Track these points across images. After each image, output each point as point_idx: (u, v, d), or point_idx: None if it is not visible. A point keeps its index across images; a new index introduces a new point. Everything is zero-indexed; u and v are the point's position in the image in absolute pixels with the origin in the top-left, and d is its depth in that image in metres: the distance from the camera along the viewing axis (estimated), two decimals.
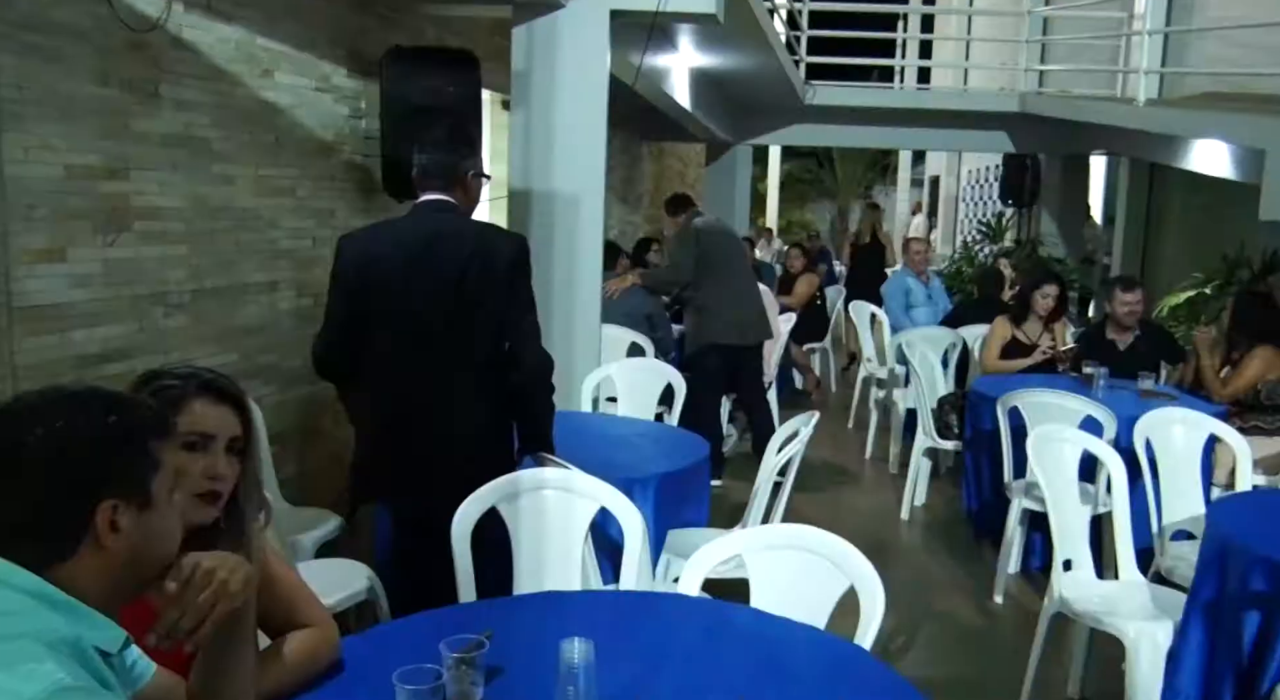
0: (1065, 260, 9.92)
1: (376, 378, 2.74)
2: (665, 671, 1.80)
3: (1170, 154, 7.17)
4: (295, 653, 1.64)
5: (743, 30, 5.93)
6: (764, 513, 3.28)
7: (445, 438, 2.70)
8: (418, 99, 4.17)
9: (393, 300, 2.67)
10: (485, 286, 2.66)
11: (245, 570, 1.37)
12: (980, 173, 14.97)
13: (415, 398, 2.70)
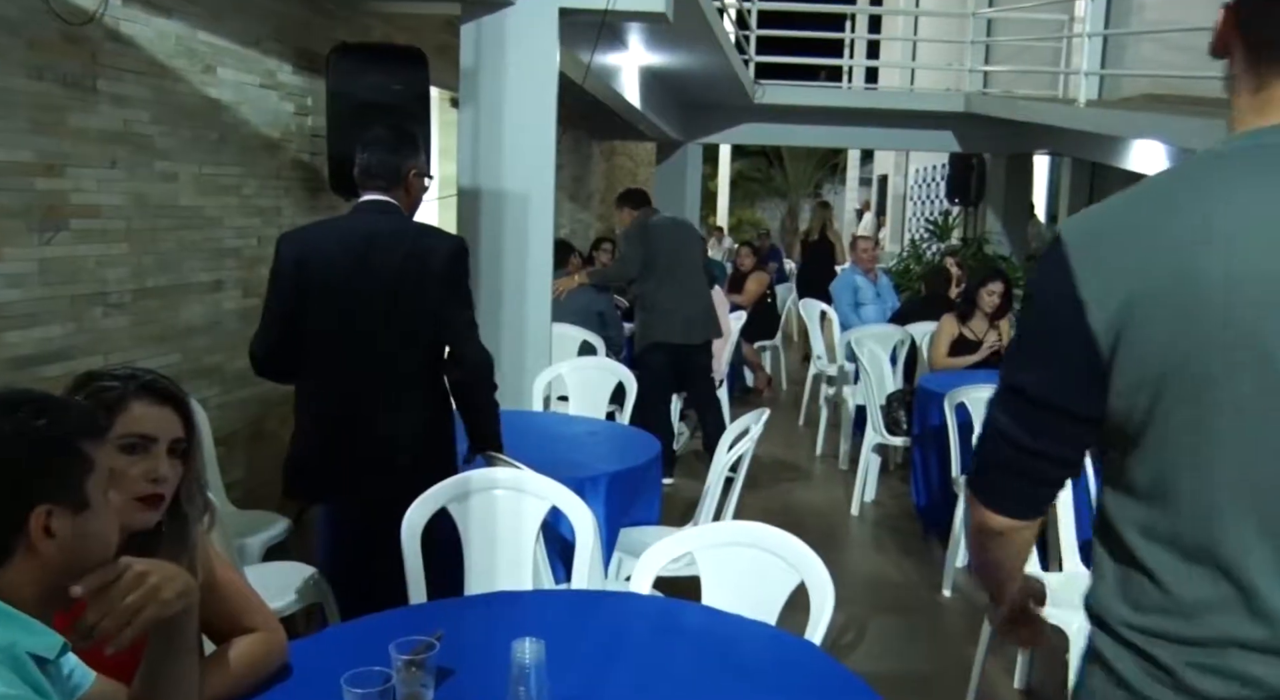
0: (1011, 257, 10.08)
1: (314, 377, 2.73)
2: (616, 670, 1.80)
3: (1110, 154, 7.32)
4: (241, 658, 1.61)
5: (692, 29, 5.94)
6: (715, 510, 3.29)
7: (383, 438, 2.69)
8: (365, 96, 4.13)
9: (331, 300, 2.66)
10: (422, 286, 2.66)
11: (184, 580, 1.34)
12: (927, 171, 15.17)
13: (352, 398, 2.69)
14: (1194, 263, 1.09)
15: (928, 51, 13.17)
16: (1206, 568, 1.12)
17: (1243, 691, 1.11)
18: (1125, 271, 1.12)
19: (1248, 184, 1.12)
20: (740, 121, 9.85)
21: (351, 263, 2.65)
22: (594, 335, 5.65)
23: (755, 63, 9.41)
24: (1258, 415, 1.07)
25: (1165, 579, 1.15)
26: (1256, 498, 1.09)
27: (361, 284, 2.64)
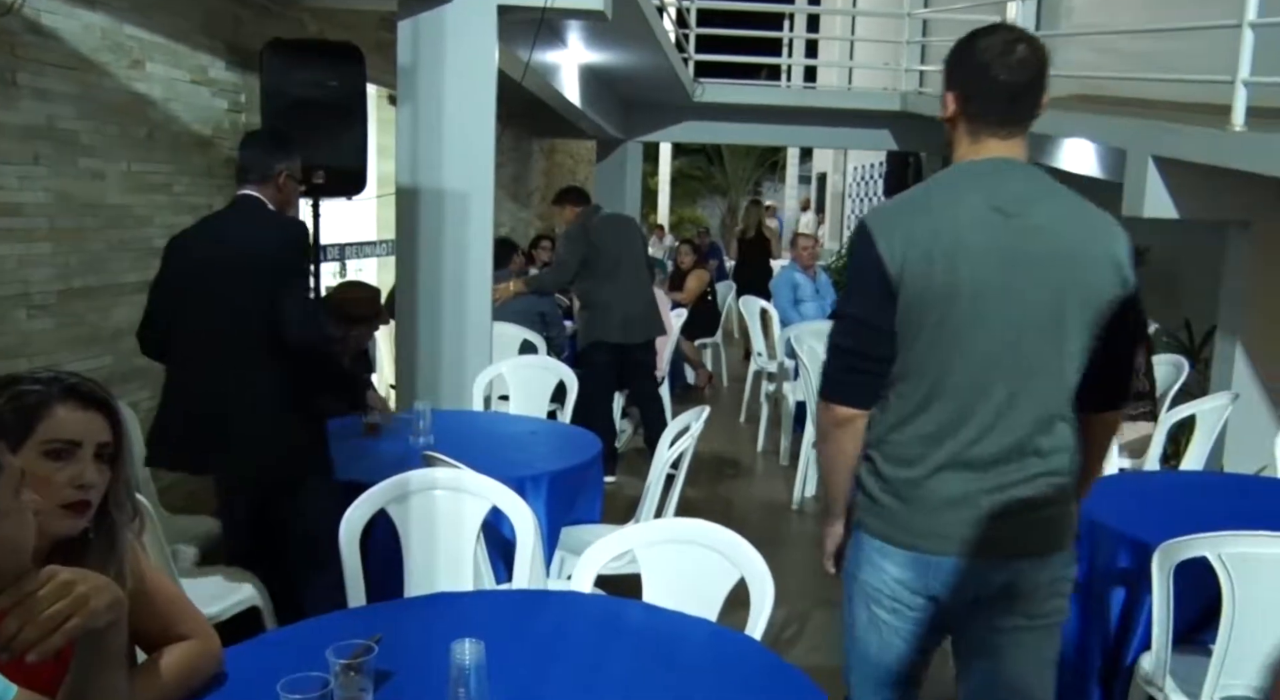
0: None
1: (173, 356, 2.92)
2: (557, 669, 1.80)
3: (1041, 152, 7.47)
4: (173, 666, 1.58)
5: (631, 27, 5.94)
6: (656, 508, 3.30)
7: (220, 415, 2.80)
8: (300, 93, 4.07)
9: (185, 284, 2.86)
10: (259, 272, 2.79)
11: (113, 591, 1.31)
12: (865, 169, 15.35)
13: (197, 376, 2.84)
14: (937, 238, 1.80)
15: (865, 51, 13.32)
16: (934, 409, 1.84)
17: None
18: (903, 240, 1.81)
19: (966, 190, 1.87)
20: (680, 120, 9.88)
21: (204, 250, 2.86)
22: (535, 334, 5.63)
23: (695, 61, 9.45)
24: (966, 323, 1.80)
25: (916, 414, 1.85)
26: (967, 366, 1.82)
27: (208, 270, 2.83)
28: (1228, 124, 4.11)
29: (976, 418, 1.81)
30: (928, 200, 1.89)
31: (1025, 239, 1.80)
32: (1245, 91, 4.09)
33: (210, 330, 2.81)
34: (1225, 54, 4.19)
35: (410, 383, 4.41)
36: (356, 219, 6.78)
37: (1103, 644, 2.77)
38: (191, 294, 2.84)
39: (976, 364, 1.80)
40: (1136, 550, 2.64)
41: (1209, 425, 4.13)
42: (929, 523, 1.84)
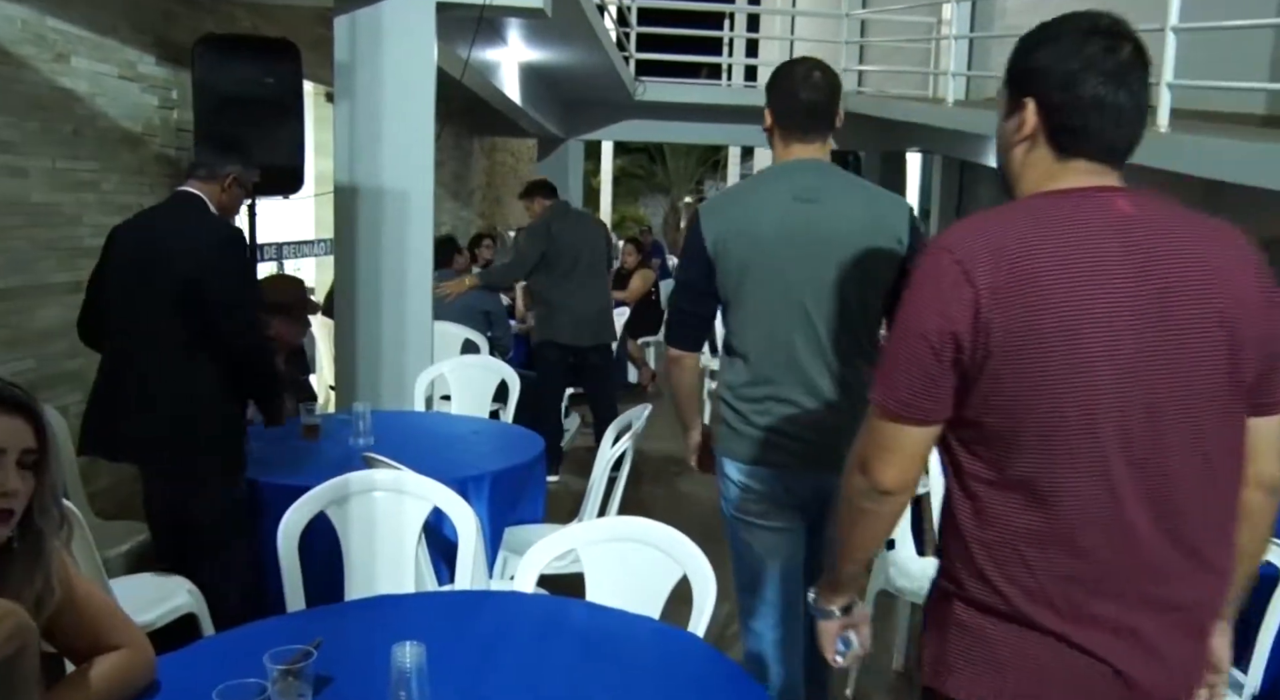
0: None
1: (106, 345, 2.98)
2: (499, 670, 1.79)
3: (977, 151, 7.61)
4: (103, 678, 1.54)
5: (571, 25, 5.93)
6: (599, 506, 3.30)
7: (135, 405, 2.87)
8: (234, 90, 4.00)
9: (117, 276, 2.93)
10: (184, 271, 2.82)
11: (15, 620, 1.26)
12: None
13: (122, 367, 2.91)
14: (747, 220, 2.30)
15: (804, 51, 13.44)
16: (754, 356, 2.32)
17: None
18: (721, 222, 2.32)
19: (775, 182, 2.36)
20: (621, 118, 9.89)
21: (136, 242, 2.91)
22: (477, 334, 5.60)
23: (636, 60, 9.46)
24: (768, 286, 2.28)
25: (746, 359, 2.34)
26: (771, 323, 2.29)
27: (137, 262, 2.89)
28: (1153, 125, 4.22)
29: (784, 364, 2.30)
30: (746, 191, 2.50)
31: (817, 219, 2.26)
32: (1169, 94, 4.20)
33: (133, 321, 2.88)
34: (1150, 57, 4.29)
35: (350, 383, 4.36)
36: (294, 218, 6.68)
37: None
38: (121, 285, 2.90)
39: (777, 320, 2.29)
40: None
41: None
42: (762, 444, 2.34)
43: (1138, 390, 1.33)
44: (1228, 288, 1.38)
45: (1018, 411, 1.34)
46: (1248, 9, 4.63)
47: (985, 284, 1.32)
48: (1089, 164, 1.44)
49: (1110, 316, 1.32)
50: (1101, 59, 1.42)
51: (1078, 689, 1.37)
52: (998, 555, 1.39)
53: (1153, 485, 1.35)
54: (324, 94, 6.17)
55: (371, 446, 3.15)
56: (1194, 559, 1.39)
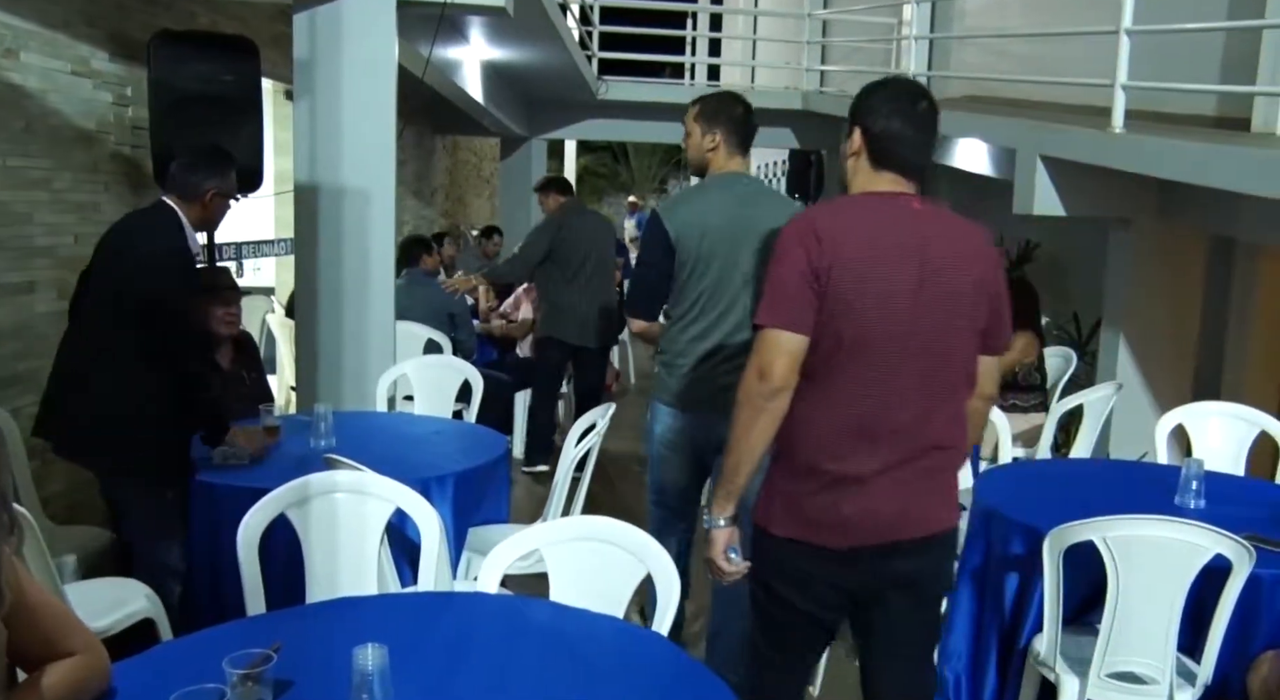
0: None
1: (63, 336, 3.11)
2: (463, 671, 1.78)
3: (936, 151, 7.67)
4: (56, 686, 1.51)
5: (534, 24, 5.91)
6: (564, 506, 3.30)
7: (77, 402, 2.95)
8: (191, 87, 3.95)
9: (87, 278, 3.07)
10: (131, 279, 2.90)
11: None
12: (769, 167, 15.56)
13: (71, 365, 2.99)
14: (698, 219, 2.95)
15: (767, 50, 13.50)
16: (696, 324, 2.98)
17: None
18: (679, 219, 2.96)
19: (719, 190, 3.03)
20: (584, 117, 9.87)
21: (105, 245, 3.02)
22: (440, 334, 5.57)
23: (599, 59, 9.45)
24: (710, 269, 2.94)
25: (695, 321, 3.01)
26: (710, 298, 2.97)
27: (97, 269, 3.01)
28: (1108, 126, 4.28)
29: (715, 330, 2.99)
30: (696, 195, 3.15)
31: (747, 221, 2.93)
32: (1124, 95, 4.27)
33: (83, 315, 3.03)
34: (1106, 59, 4.36)
35: (311, 384, 4.31)
36: (253, 217, 6.60)
37: (999, 630, 2.87)
38: (85, 279, 3.09)
39: (715, 296, 2.97)
40: (1029, 537, 2.73)
41: (1096, 414, 4.30)
42: (688, 391, 3.03)
43: (917, 327, 2.02)
44: (971, 264, 2.09)
45: (839, 334, 2.00)
46: (1199, 12, 4.71)
47: (826, 244, 2.00)
48: (894, 176, 2.12)
49: (893, 275, 2.01)
50: (907, 109, 2.10)
51: (836, 520, 2.08)
52: (810, 431, 2.07)
53: (920, 393, 2.05)
54: (283, 92, 6.10)
55: (333, 447, 3.13)
56: (943, 441, 2.10)
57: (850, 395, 2.03)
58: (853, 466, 2.04)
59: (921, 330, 2.02)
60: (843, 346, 2.00)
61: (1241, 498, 3.05)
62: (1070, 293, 6.71)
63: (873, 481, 2.04)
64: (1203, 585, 2.39)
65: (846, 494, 2.05)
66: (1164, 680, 2.44)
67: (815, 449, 2.07)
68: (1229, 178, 3.55)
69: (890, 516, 2.07)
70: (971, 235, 2.13)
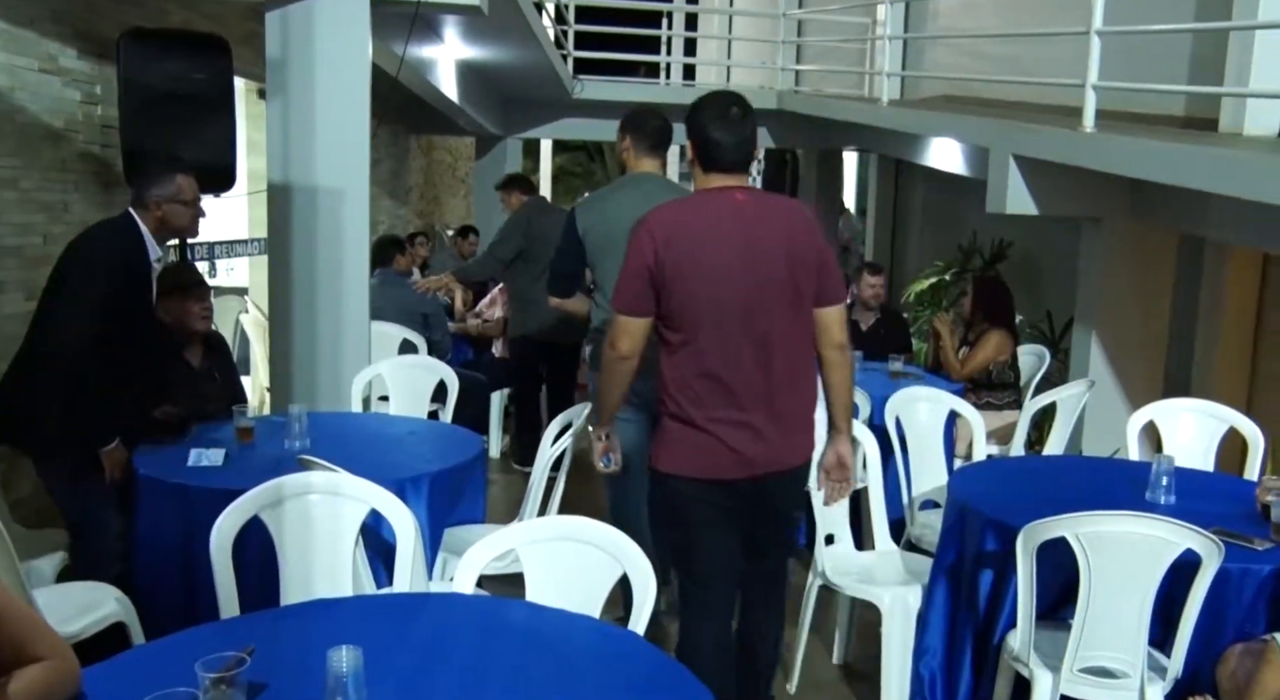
0: None
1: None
2: (439, 672, 1.78)
3: (911, 150, 7.73)
4: (24, 692, 1.49)
5: (509, 23, 5.90)
6: (540, 506, 3.29)
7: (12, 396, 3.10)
8: (162, 86, 3.91)
9: None
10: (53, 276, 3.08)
11: None
12: None
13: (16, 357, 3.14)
14: (608, 213, 3.39)
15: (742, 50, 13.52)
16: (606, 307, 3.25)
17: None
18: (589, 216, 3.47)
19: (630, 188, 3.48)
20: (560, 116, 9.86)
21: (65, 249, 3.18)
22: (415, 334, 5.54)
23: (574, 58, 9.43)
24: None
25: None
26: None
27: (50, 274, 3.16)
28: (1080, 125, 4.32)
29: None
30: (608, 194, 3.62)
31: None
32: (1094, 95, 4.31)
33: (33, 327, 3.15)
34: (1078, 59, 4.40)
35: (285, 385, 4.28)
36: (227, 217, 6.55)
37: (973, 626, 2.89)
38: None
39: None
40: (1003, 533, 2.75)
41: (1068, 411, 4.34)
42: None
43: (741, 295, 2.51)
44: (791, 239, 2.56)
45: (682, 308, 2.52)
46: (1168, 14, 4.77)
47: (661, 240, 2.50)
48: (721, 175, 2.60)
49: (724, 255, 2.51)
50: (722, 119, 2.57)
51: (713, 458, 2.56)
52: (679, 386, 2.57)
53: (755, 348, 2.54)
54: (256, 90, 6.06)
55: (308, 449, 3.11)
56: (784, 387, 2.58)
57: (704, 355, 2.53)
58: (717, 413, 2.54)
59: (751, 298, 2.51)
60: (689, 316, 2.52)
61: (1211, 493, 3.09)
62: (1043, 291, 6.77)
63: (734, 425, 2.53)
64: (1173, 580, 2.42)
65: (714, 435, 2.55)
66: (1135, 674, 2.46)
67: (686, 401, 2.56)
68: (1198, 178, 3.59)
69: (751, 453, 2.55)
70: (788, 212, 2.63)
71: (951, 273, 7.41)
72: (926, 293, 7.54)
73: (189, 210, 3.26)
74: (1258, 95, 4.13)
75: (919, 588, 3.13)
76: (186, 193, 3.23)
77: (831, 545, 3.38)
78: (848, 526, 3.47)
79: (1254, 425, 3.69)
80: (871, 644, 3.33)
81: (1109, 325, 5.08)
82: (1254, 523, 2.76)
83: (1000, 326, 4.93)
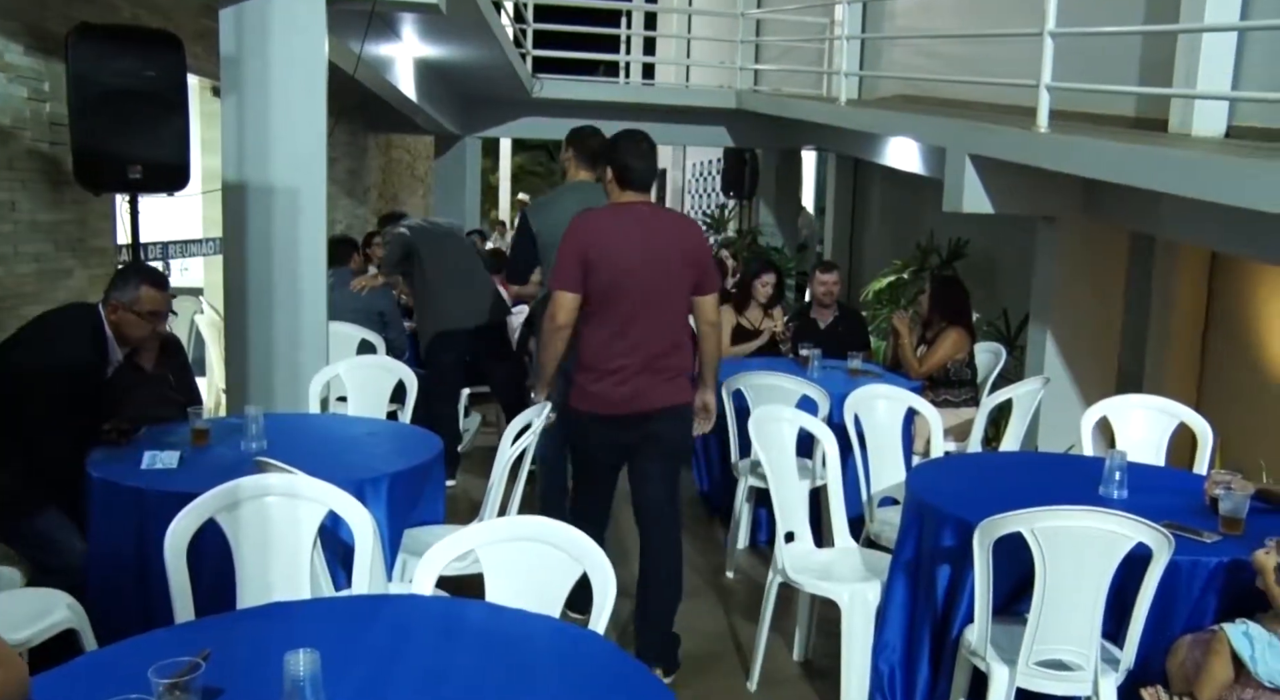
0: (782, 249, 10.54)
1: None
2: (398, 675, 1.76)
3: (869, 150, 7.79)
4: None
5: (467, 21, 5.87)
6: (499, 506, 3.28)
7: None
8: (113, 82, 3.84)
9: None
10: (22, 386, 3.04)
11: None
12: (704, 166, 15.64)
13: None
14: (554, 216, 3.87)
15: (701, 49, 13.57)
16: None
17: None
18: (542, 217, 4.00)
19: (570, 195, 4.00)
20: (519, 115, 9.83)
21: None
22: (373, 334, 5.50)
23: (533, 57, 9.41)
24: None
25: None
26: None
27: None
28: (1034, 126, 4.38)
29: None
30: (555, 198, 4.12)
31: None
32: (1048, 96, 4.37)
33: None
34: (1032, 60, 4.46)
35: (242, 386, 4.24)
36: (181, 216, 6.46)
37: (931, 622, 2.92)
38: None
39: None
40: (960, 529, 2.78)
41: (1024, 408, 4.40)
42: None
43: (641, 282, 3.28)
44: (680, 244, 3.37)
45: (599, 289, 3.28)
46: (1119, 16, 4.85)
47: (589, 240, 3.29)
48: (633, 192, 3.41)
49: (627, 253, 3.28)
50: (635, 152, 3.39)
51: (608, 399, 3.34)
52: (593, 344, 3.35)
53: (647, 320, 3.32)
54: (210, 88, 5.98)
55: (265, 450, 3.07)
56: (666, 349, 3.36)
57: (610, 323, 3.33)
58: (616, 365, 3.33)
59: (647, 284, 3.31)
60: (603, 295, 3.30)
61: (1162, 487, 3.15)
62: (1000, 289, 6.86)
63: (628, 375, 3.34)
64: (1125, 573, 2.46)
65: (614, 382, 3.34)
66: (1089, 666, 2.50)
67: (594, 355, 3.36)
68: (1148, 177, 3.65)
69: (640, 396, 3.35)
70: (679, 224, 3.51)
71: (910, 271, 7.47)
72: (885, 291, 7.60)
73: (145, 325, 3.21)
74: (1205, 96, 4.21)
75: (878, 584, 3.15)
76: (145, 305, 3.18)
77: (791, 543, 3.40)
78: (807, 524, 3.50)
79: (1203, 420, 3.76)
80: (832, 640, 3.35)
81: (1063, 322, 5.16)
82: (1203, 516, 2.82)
83: (957, 325, 4.99)
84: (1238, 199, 3.20)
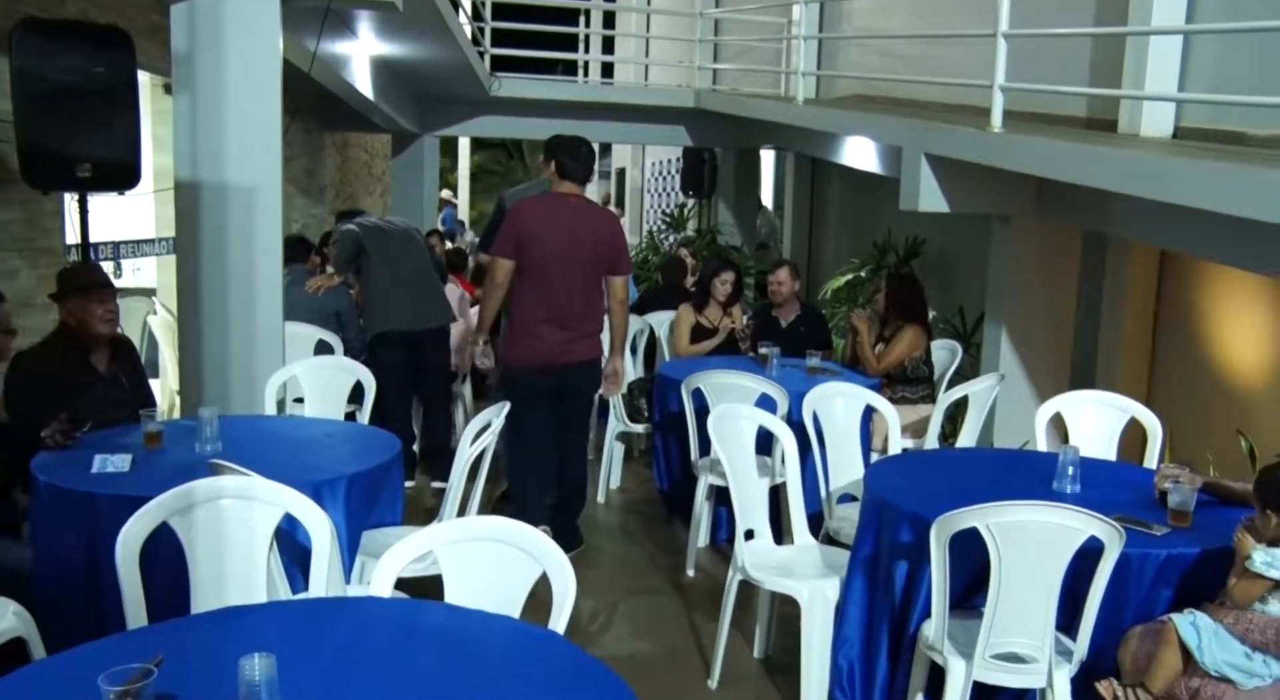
0: (741, 247, 10.58)
1: None
2: (356, 677, 1.75)
3: (827, 149, 7.84)
4: None
5: (424, 19, 5.83)
6: (459, 507, 3.27)
7: None
8: (60, 79, 3.77)
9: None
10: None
11: None
12: (663, 165, 15.65)
13: None
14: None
15: (660, 49, 13.58)
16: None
17: None
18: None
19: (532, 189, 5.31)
20: (478, 114, 9.78)
21: None
22: (330, 335, 5.44)
23: (491, 55, 9.36)
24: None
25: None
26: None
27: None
28: (988, 125, 4.43)
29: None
30: (528, 189, 5.10)
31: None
32: (1002, 96, 4.43)
33: None
34: (986, 61, 4.51)
35: (196, 387, 4.17)
36: (133, 215, 6.35)
37: (890, 617, 2.94)
38: None
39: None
40: (917, 525, 2.81)
41: (980, 405, 4.45)
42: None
43: (563, 259, 4.22)
44: (597, 230, 4.33)
45: (530, 261, 4.21)
46: (1070, 18, 4.92)
47: (525, 222, 4.25)
48: (570, 184, 4.34)
49: (555, 235, 4.22)
50: (575, 152, 4.35)
51: (537, 351, 4.26)
52: (522, 306, 4.29)
53: (567, 289, 4.26)
54: (162, 85, 5.88)
55: (219, 452, 3.03)
56: (581, 313, 4.31)
57: (538, 290, 4.22)
58: (541, 324, 4.23)
59: (569, 260, 4.20)
60: (531, 268, 4.20)
61: (1113, 481, 3.20)
62: (956, 287, 6.93)
63: (552, 332, 4.23)
64: (1078, 566, 2.50)
65: (540, 337, 4.24)
66: (1043, 658, 2.54)
67: (526, 316, 4.26)
68: (1099, 177, 3.71)
69: (561, 351, 4.25)
70: (599, 214, 4.49)
71: (867, 270, 7.54)
72: (843, 290, 7.66)
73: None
74: (1152, 98, 4.28)
75: (837, 581, 3.18)
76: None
77: (751, 540, 3.41)
78: (767, 521, 3.51)
79: (1153, 415, 3.83)
80: (791, 637, 3.37)
81: (1018, 320, 5.23)
82: (1153, 509, 2.87)
83: (914, 322, 5.04)
84: (1183, 198, 3.26)
